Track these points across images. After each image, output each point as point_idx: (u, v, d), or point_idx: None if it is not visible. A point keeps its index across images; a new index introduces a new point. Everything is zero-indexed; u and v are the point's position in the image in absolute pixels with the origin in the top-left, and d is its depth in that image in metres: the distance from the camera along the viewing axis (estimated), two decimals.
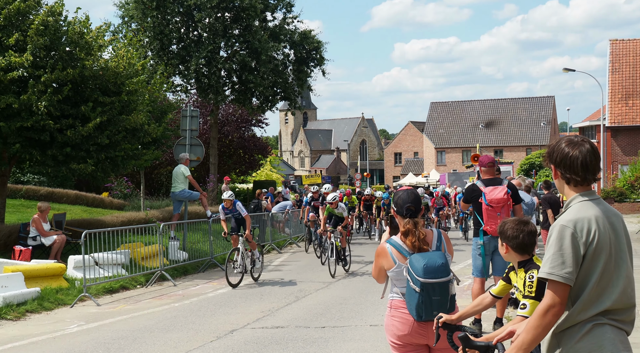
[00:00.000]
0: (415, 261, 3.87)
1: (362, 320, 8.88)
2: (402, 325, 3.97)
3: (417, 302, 3.83)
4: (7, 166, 14.13)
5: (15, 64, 12.13)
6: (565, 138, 2.92)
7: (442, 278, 3.82)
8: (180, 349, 7.39)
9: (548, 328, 2.73)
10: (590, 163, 2.81)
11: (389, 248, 4.04)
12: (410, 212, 4.02)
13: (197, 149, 16.66)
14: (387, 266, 4.03)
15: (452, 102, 75.25)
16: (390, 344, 4.06)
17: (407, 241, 3.97)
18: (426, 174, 56.97)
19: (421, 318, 3.86)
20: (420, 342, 3.99)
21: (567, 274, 2.69)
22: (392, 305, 4.06)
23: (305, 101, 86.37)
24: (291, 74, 28.02)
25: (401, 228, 4.02)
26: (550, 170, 3.00)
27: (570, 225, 2.74)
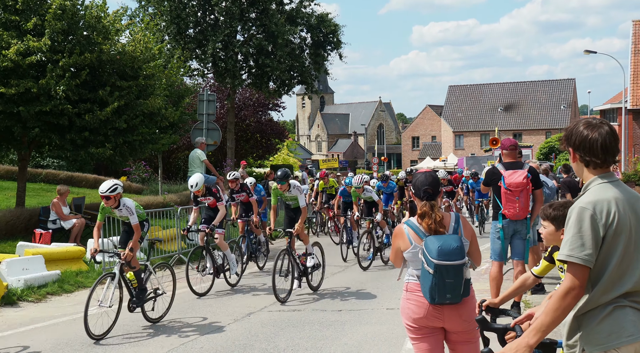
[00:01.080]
0: (430, 243, 3.87)
1: (379, 303, 8.88)
2: (417, 308, 3.96)
3: (431, 284, 3.83)
4: (26, 150, 14.28)
5: (34, 48, 12.20)
6: (583, 120, 2.89)
7: (456, 260, 3.81)
8: (199, 331, 7.45)
9: (567, 311, 2.70)
10: (610, 145, 2.78)
11: (405, 229, 4.04)
12: (428, 195, 4.02)
13: (214, 133, 16.71)
14: (404, 247, 4.03)
15: (470, 86, 74.57)
16: (406, 327, 4.06)
17: (423, 223, 3.97)
18: (444, 159, 56.65)
19: (434, 300, 3.85)
20: (436, 324, 3.98)
21: (587, 256, 2.66)
22: (408, 288, 4.06)
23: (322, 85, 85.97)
24: (308, 57, 27.88)
25: (418, 210, 4.02)
26: (568, 153, 2.96)
27: (590, 207, 2.71)
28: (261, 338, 7.12)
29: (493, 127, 59.14)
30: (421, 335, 4.00)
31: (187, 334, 7.37)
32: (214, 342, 7.03)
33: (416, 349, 4.06)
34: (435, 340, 4.00)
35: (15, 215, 13.32)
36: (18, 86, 12.03)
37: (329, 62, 28.48)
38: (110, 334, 7.24)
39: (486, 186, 7.94)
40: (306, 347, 6.74)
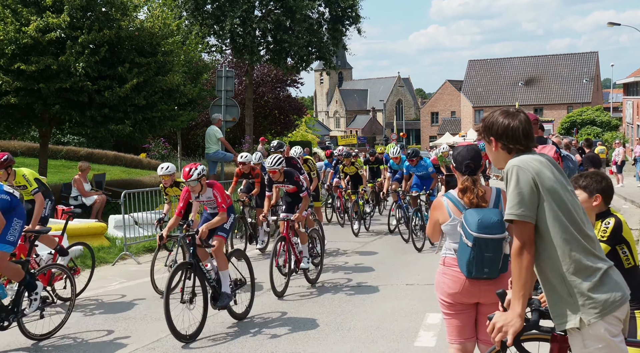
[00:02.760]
0: (469, 215, 3.82)
1: (398, 279, 8.89)
2: (453, 283, 3.92)
3: (469, 258, 3.78)
4: (47, 127, 14.39)
5: (53, 25, 12.22)
6: (499, 110, 3.04)
7: (496, 234, 3.76)
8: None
9: (530, 268, 2.78)
10: (530, 131, 2.94)
11: (445, 202, 4.01)
12: (470, 169, 3.97)
13: (232, 109, 16.68)
14: (442, 220, 4.00)
15: (490, 60, 73.54)
16: (440, 301, 4.03)
17: (464, 198, 3.93)
18: (463, 134, 56.18)
19: (471, 274, 3.80)
20: (471, 300, 3.94)
21: (524, 212, 2.76)
22: (444, 262, 4.02)
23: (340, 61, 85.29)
24: (326, 33, 27.63)
25: (459, 184, 3.97)
26: (487, 144, 3.04)
27: (520, 164, 2.83)
28: (282, 314, 7.17)
29: (514, 102, 58.44)
30: (454, 311, 3.97)
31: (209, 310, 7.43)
32: None
33: (448, 324, 4.03)
34: (468, 317, 3.97)
35: None
36: (38, 63, 12.09)
37: (347, 37, 28.25)
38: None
39: None
40: (326, 321, 6.77)
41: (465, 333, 3.98)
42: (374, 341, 6.07)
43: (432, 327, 6.45)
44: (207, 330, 6.56)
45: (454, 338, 4.01)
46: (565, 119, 47.03)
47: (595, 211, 3.85)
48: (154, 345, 6.12)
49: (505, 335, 2.80)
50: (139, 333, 6.51)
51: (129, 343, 6.16)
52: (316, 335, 6.30)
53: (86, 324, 6.82)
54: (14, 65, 12.06)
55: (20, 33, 12.07)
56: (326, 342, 6.10)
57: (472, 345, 4.02)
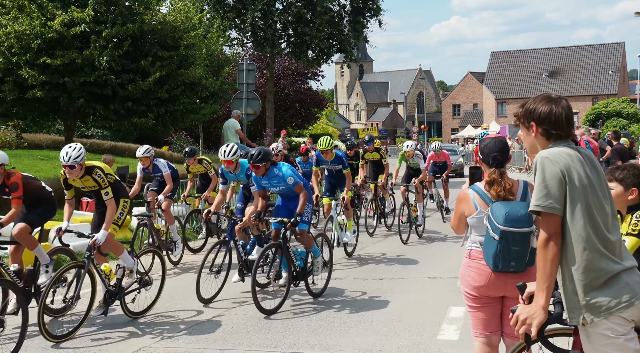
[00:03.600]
0: (496, 208, 3.78)
1: (421, 272, 8.86)
2: (478, 276, 3.89)
3: (495, 251, 3.74)
4: (72, 120, 14.59)
5: (78, 19, 12.37)
6: (541, 95, 2.99)
7: (523, 228, 3.72)
8: (243, 298, 7.57)
9: (556, 260, 2.75)
10: (571, 117, 2.93)
11: (471, 194, 3.97)
12: (497, 162, 3.92)
13: (253, 102, 16.74)
14: (468, 212, 3.96)
15: (513, 52, 72.72)
16: (465, 295, 4.00)
17: (491, 190, 3.88)
18: (486, 127, 55.68)
19: (497, 267, 3.77)
20: (496, 294, 3.91)
21: (552, 204, 2.75)
22: (470, 255, 3.99)
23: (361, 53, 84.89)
24: (347, 25, 27.56)
25: (486, 177, 3.93)
26: (525, 129, 3.01)
27: (550, 156, 2.80)
28: (304, 307, 7.20)
29: (537, 93, 57.62)
30: (479, 304, 3.94)
31: (230, 298, 7.50)
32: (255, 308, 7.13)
33: (472, 317, 4.01)
34: (493, 311, 3.95)
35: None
36: (63, 57, 12.25)
37: (368, 29, 28.12)
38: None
39: None
40: (348, 314, 6.79)
41: (491, 326, 3.95)
42: (397, 334, 6.07)
43: (455, 321, 6.43)
44: (230, 321, 6.62)
45: (479, 331, 3.98)
46: (591, 111, 46.34)
47: (628, 204, 3.79)
48: (177, 336, 6.19)
49: (529, 328, 2.80)
50: (162, 324, 6.58)
51: (151, 334, 6.24)
52: (338, 328, 6.32)
53: (110, 314, 6.91)
54: (40, 59, 12.24)
55: (46, 27, 12.24)
56: (348, 334, 6.11)
57: (498, 339, 4.00)
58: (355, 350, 5.63)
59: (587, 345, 2.78)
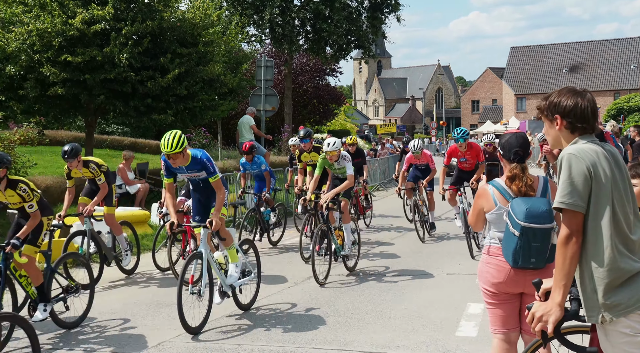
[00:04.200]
0: (516, 205, 3.75)
1: (438, 269, 8.84)
2: (497, 273, 3.87)
3: (515, 247, 3.72)
4: (92, 117, 14.74)
5: (98, 17, 12.48)
6: (565, 88, 2.96)
7: (544, 224, 3.68)
8: (260, 294, 7.60)
9: (575, 259, 2.74)
10: (596, 111, 2.89)
11: (490, 190, 3.95)
12: (518, 157, 3.90)
13: (272, 99, 16.78)
14: (487, 208, 3.95)
15: (533, 47, 71.99)
16: (483, 291, 3.98)
17: (513, 186, 3.86)
18: (505, 122, 55.32)
19: (517, 264, 3.75)
20: (515, 290, 3.89)
21: (576, 201, 2.73)
22: (489, 252, 3.96)
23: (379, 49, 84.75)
24: (365, 21, 27.48)
25: (507, 172, 3.91)
26: (548, 121, 2.98)
27: (576, 152, 2.77)
28: (321, 302, 7.22)
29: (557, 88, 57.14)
30: (498, 301, 3.93)
31: (249, 295, 7.54)
32: (274, 303, 7.17)
33: (491, 314, 4.00)
34: (512, 307, 3.93)
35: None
36: (84, 55, 12.37)
37: (386, 25, 28.04)
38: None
39: None
40: (366, 310, 6.80)
41: (509, 323, 3.94)
42: (415, 330, 6.07)
43: (473, 317, 6.42)
44: (247, 317, 6.66)
45: (497, 328, 3.97)
46: (612, 106, 45.76)
47: None
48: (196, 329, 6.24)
49: (545, 325, 2.78)
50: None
51: (171, 329, 6.30)
52: (356, 324, 6.33)
53: (131, 310, 6.98)
54: (61, 57, 12.37)
55: (67, 25, 12.36)
56: (366, 330, 6.12)
57: (516, 336, 3.98)
58: (373, 347, 5.64)
59: (605, 343, 2.77)
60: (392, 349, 5.56)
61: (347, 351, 5.56)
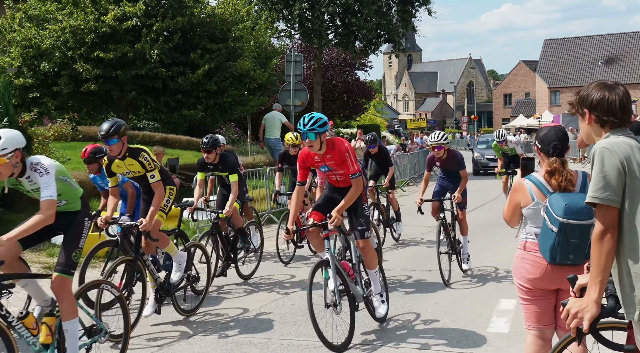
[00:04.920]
0: (555, 200, 3.66)
1: (469, 264, 8.72)
2: (533, 268, 3.80)
3: (553, 243, 3.63)
4: (124, 112, 14.93)
5: (130, 13, 12.63)
6: (595, 83, 2.90)
7: (584, 220, 3.58)
8: (289, 289, 7.62)
9: (611, 254, 2.68)
10: (627, 104, 2.82)
11: (527, 185, 3.87)
12: (558, 150, 3.81)
13: (301, 94, 16.76)
14: (524, 203, 3.86)
15: (568, 39, 70.65)
16: (518, 287, 3.91)
17: (552, 180, 3.77)
18: (538, 116, 54.46)
19: (555, 260, 3.66)
20: (551, 286, 3.81)
21: (609, 196, 2.67)
22: (525, 247, 3.89)
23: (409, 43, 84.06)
24: (395, 15, 27.29)
25: (546, 166, 3.82)
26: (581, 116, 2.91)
27: (609, 146, 2.70)
28: None
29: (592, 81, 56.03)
30: (533, 297, 3.85)
31: (275, 289, 7.56)
32: (305, 298, 7.16)
33: (525, 310, 3.93)
34: (547, 304, 3.85)
35: None
36: (116, 51, 12.53)
37: (416, 19, 27.80)
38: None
39: None
40: (396, 306, 6.75)
41: (544, 319, 3.86)
42: (445, 326, 6.00)
43: (505, 313, 6.32)
44: (277, 312, 6.66)
45: (532, 324, 3.90)
46: None
47: None
48: (227, 325, 6.27)
49: (581, 322, 2.72)
50: (212, 314, 6.68)
51: (201, 323, 6.34)
52: (385, 320, 6.28)
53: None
54: (94, 53, 12.56)
55: (99, 22, 12.53)
56: (395, 326, 6.08)
57: (551, 332, 3.90)
58: (403, 342, 5.60)
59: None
60: (422, 344, 5.51)
61: (377, 346, 5.53)
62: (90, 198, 11.33)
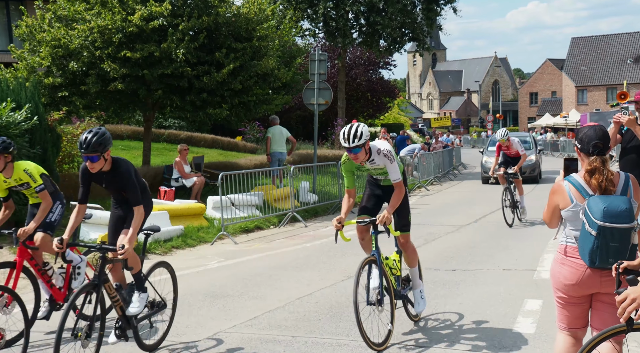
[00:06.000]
0: (593, 203, 3.57)
1: (494, 264, 8.67)
2: (570, 274, 3.72)
3: (592, 247, 3.54)
4: (150, 111, 15.09)
5: (156, 13, 12.75)
6: None
7: (623, 223, 3.48)
8: (313, 287, 7.64)
9: None
10: None
11: (566, 186, 3.78)
12: (598, 149, 3.72)
13: (325, 93, 16.75)
14: (562, 205, 3.78)
15: (596, 37, 69.57)
16: (555, 292, 3.86)
17: (592, 180, 3.67)
18: (565, 115, 53.73)
19: (594, 264, 3.57)
20: (587, 292, 3.74)
21: None
22: (565, 251, 3.80)
23: (434, 42, 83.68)
24: (420, 13, 27.17)
25: (586, 166, 3.73)
26: None
27: None
28: None
29: (621, 80, 55.10)
30: (566, 302, 3.81)
31: (299, 287, 7.58)
32: (329, 297, 7.19)
33: (559, 311, 3.90)
34: (581, 309, 3.79)
35: (142, 173, 14.09)
36: (142, 50, 12.67)
37: (441, 17, 27.66)
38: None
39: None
40: None
41: (577, 323, 3.83)
42: (470, 326, 5.97)
43: (531, 313, 6.27)
44: (301, 309, 6.69)
45: (564, 325, 3.87)
46: None
47: None
48: (251, 322, 6.31)
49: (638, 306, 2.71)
50: (236, 311, 6.73)
51: (226, 320, 6.39)
52: (410, 318, 6.26)
53: (187, 300, 7.13)
54: (121, 53, 12.71)
55: (127, 22, 12.68)
56: (420, 325, 6.06)
57: (583, 333, 3.85)
58: (427, 341, 5.58)
59: None
60: (446, 344, 5.49)
61: (400, 345, 5.52)
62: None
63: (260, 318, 6.40)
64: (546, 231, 10.93)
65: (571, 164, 3.89)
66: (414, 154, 21.29)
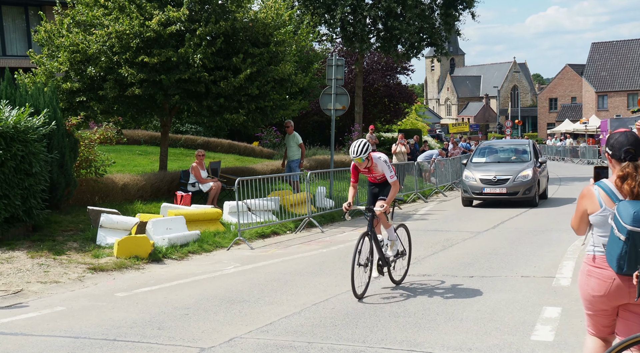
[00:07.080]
0: (623, 207, 3.52)
1: (513, 270, 8.55)
2: (598, 286, 3.67)
3: (620, 253, 3.50)
4: (167, 116, 15.15)
5: (173, 18, 12.81)
6: None
7: None
8: (329, 293, 7.58)
9: None
10: None
11: (596, 191, 3.74)
12: (630, 155, 3.68)
13: (342, 98, 16.70)
14: (591, 210, 3.74)
15: (617, 42, 68.81)
16: (583, 302, 3.83)
17: (624, 185, 3.62)
18: (585, 121, 53.15)
19: (622, 270, 3.52)
20: (615, 303, 3.69)
21: None
22: (594, 261, 3.74)
23: (452, 47, 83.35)
24: (438, 18, 27.03)
25: (618, 172, 3.68)
26: None
27: None
28: (392, 302, 7.12)
29: None
30: (594, 313, 3.81)
31: (316, 293, 7.52)
32: (345, 303, 7.12)
33: (588, 318, 3.91)
34: (610, 320, 3.75)
35: (159, 178, 14.24)
36: (160, 56, 12.72)
37: (460, 22, 27.46)
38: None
39: None
40: (437, 311, 6.64)
41: (605, 331, 3.83)
42: (487, 333, 5.87)
43: (550, 321, 6.15)
44: (317, 315, 6.63)
45: (593, 331, 3.90)
46: None
47: None
48: (267, 327, 6.27)
49: None
50: (252, 316, 6.69)
51: (242, 325, 6.35)
52: (427, 325, 6.19)
53: (204, 305, 7.10)
54: (139, 58, 12.77)
55: (144, 27, 12.74)
56: (437, 331, 5.98)
57: (612, 337, 3.86)
58: (444, 348, 5.50)
59: None
60: (463, 351, 5.40)
61: (418, 352, 5.44)
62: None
63: (276, 324, 6.35)
64: (565, 238, 10.77)
65: (601, 172, 3.84)
66: (432, 160, 21.16)
